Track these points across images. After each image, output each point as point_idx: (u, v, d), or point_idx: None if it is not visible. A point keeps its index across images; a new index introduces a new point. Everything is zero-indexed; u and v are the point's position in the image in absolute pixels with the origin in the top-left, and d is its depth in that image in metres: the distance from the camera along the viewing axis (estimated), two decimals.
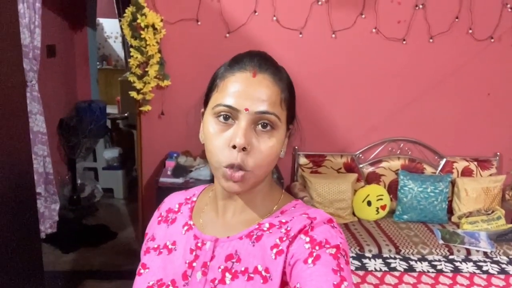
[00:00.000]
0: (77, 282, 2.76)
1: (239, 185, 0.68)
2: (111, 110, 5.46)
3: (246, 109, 0.66)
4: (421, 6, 2.85)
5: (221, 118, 0.68)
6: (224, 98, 0.68)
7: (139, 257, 0.83)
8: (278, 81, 0.70)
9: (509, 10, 2.89)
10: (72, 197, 3.65)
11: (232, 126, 0.67)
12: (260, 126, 0.68)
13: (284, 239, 0.69)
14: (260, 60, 0.70)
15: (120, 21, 2.79)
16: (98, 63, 6.19)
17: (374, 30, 2.89)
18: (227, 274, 0.70)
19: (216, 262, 0.72)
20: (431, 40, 2.93)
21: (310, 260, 0.64)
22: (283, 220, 0.72)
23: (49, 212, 2.93)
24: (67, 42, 3.95)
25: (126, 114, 4.83)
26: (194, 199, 0.84)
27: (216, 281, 0.70)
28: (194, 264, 0.74)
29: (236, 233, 0.74)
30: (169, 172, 2.72)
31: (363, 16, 2.84)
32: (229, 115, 0.67)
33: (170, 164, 2.80)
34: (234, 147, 0.66)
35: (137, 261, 0.82)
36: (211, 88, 0.73)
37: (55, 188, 2.98)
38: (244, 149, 0.66)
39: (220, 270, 0.71)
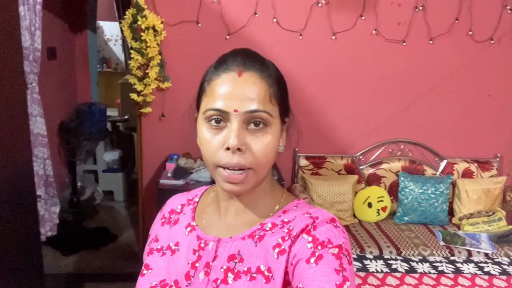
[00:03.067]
0: (78, 285, 2.75)
1: (240, 186, 0.68)
2: (111, 112, 5.47)
3: (235, 111, 0.66)
4: (421, 8, 2.86)
5: (213, 122, 0.68)
6: (212, 102, 0.67)
7: (139, 259, 0.83)
8: (265, 77, 0.69)
9: (509, 11, 2.89)
10: (72, 200, 3.64)
11: (224, 128, 0.67)
12: (252, 124, 0.67)
13: (286, 238, 0.69)
14: (244, 58, 0.69)
15: (120, 23, 2.80)
16: (98, 66, 6.21)
17: (374, 32, 2.89)
18: (229, 274, 0.70)
19: (219, 262, 0.72)
20: (431, 42, 2.93)
21: (312, 260, 0.64)
22: (286, 220, 0.72)
23: (49, 214, 2.92)
24: (68, 44, 3.96)
25: (126, 117, 4.83)
26: (197, 199, 0.84)
27: (219, 281, 0.70)
28: (197, 264, 0.74)
29: (239, 233, 0.74)
30: (169, 174, 2.72)
31: (363, 17, 2.85)
32: (221, 118, 0.67)
33: (170, 166, 2.80)
34: (228, 149, 0.66)
35: (138, 264, 0.82)
36: (200, 92, 0.73)
37: (55, 190, 2.97)
38: (239, 149, 0.66)
39: (222, 270, 0.71)
